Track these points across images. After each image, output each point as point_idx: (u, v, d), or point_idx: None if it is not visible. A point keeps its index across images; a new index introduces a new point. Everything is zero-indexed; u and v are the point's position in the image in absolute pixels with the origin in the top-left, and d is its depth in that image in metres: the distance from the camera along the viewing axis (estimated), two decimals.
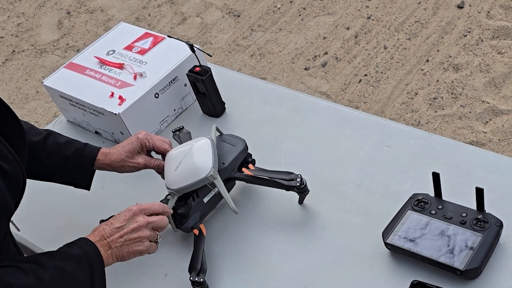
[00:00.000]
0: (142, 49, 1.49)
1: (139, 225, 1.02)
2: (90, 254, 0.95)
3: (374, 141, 1.27)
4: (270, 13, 2.97)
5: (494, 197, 1.08)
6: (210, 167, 1.10)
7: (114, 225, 1.01)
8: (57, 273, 0.90)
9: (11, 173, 0.91)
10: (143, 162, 1.20)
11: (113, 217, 1.03)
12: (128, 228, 1.01)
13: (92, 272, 0.94)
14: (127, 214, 1.03)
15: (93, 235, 1.00)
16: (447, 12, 2.70)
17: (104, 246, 0.98)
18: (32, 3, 3.47)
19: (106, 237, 0.99)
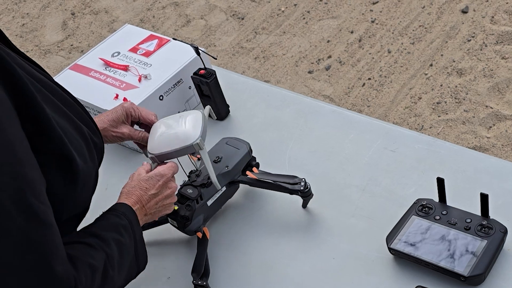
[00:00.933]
0: (147, 51, 1.50)
1: (172, 191, 1.05)
2: (133, 222, 0.96)
3: (379, 146, 1.27)
4: (274, 16, 2.97)
5: (499, 203, 1.08)
6: (198, 136, 1.07)
7: (150, 191, 1.02)
8: (118, 246, 0.92)
9: (98, 145, 0.93)
10: (127, 133, 1.15)
11: (144, 181, 1.02)
12: (163, 194, 1.03)
13: (135, 239, 0.95)
14: (161, 180, 1.03)
15: (131, 200, 1.00)
16: (451, 17, 2.70)
17: (141, 213, 1.00)
18: (37, 3, 3.48)
19: (144, 204, 1.00)
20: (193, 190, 1.14)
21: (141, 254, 0.97)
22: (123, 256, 0.92)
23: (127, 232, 0.94)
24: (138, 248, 0.96)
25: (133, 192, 1.01)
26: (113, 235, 0.92)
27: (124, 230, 0.94)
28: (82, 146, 0.87)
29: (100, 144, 0.95)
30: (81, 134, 0.88)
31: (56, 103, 0.86)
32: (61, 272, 0.79)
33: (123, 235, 0.93)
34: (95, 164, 0.91)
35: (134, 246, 0.95)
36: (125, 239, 0.93)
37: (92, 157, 0.90)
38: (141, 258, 0.97)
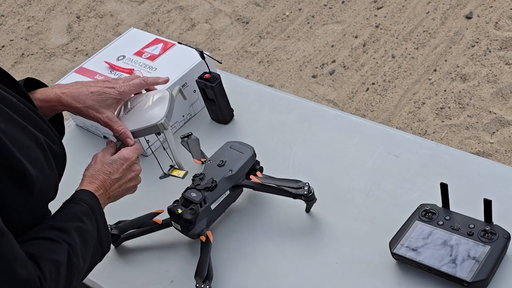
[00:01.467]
0: (152, 55, 1.50)
1: (136, 174, 1.05)
2: (94, 206, 0.96)
3: (382, 150, 1.27)
4: (279, 21, 2.98)
5: (502, 208, 1.08)
6: (163, 116, 1.07)
7: (114, 175, 1.01)
8: (80, 234, 0.92)
9: (57, 153, 0.93)
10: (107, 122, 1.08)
11: (108, 164, 1.01)
12: (126, 177, 1.03)
13: (97, 222, 0.96)
14: (125, 164, 1.03)
15: (93, 186, 1.00)
16: (455, 22, 2.70)
17: (105, 197, 1.01)
18: (42, 7, 3.50)
19: (107, 188, 1.01)
20: (196, 193, 1.14)
21: (104, 237, 0.97)
22: (86, 242, 0.93)
23: (89, 218, 0.95)
24: (101, 231, 0.97)
25: (97, 176, 1.01)
26: (74, 223, 0.93)
27: (85, 216, 0.95)
28: (39, 155, 0.88)
29: (60, 152, 0.95)
30: (37, 143, 0.88)
31: (6, 113, 0.86)
32: (24, 274, 0.80)
33: (85, 222, 0.94)
34: (55, 172, 0.91)
35: (97, 230, 0.96)
36: (87, 225, 0.94)
37: (51, 165, 0.90)
38: (104, 241, 0.98)
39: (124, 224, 1.21)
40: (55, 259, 0.87)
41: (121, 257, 1.22)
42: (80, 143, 1.52)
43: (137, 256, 1.21)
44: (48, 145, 0.91)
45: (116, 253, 1.23)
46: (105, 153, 1.05)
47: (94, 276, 1.20)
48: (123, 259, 1.22)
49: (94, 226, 0.96)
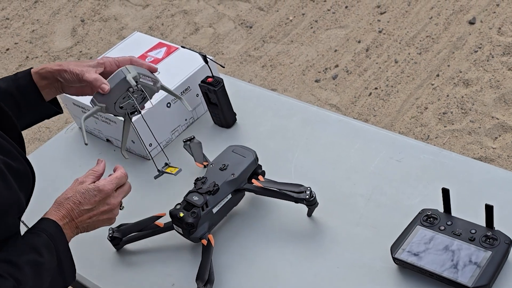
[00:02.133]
0: (156, 59, 1.51)
1: (111, 208, 0.99)
2: (55, 237, 0.92)
3: (384, 155, 1.27)
4: (282, 25, 2.99)
5: (504, 214, 1.08)
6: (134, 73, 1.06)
7: (84, 206, 0.96)
8: (32, 268, 0.88)
9: (21, 171, 0.92)
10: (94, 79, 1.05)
11: (80, 194, 0.97)
12: (99, 210, 0.98)
13: (58, 254, 0.92)
14: (98, 196, 0.97)
15: (59, 214, 0.96)
16: (459, 28, 2.70)
17: (72, 227, 0.96)
18: (47, 10, 3.51)
19: (74, 218, 0.96)
20: (198, 197, 1.15)
21: (66, 268, 0.94)
22: (41, 276, 0.89)
23: (48, 249, 0.91)
24: (63, 262, 0.93)
25: (65, 205, 0.97)
26: (29, 257, 0.89)
27: (44, 247, 0.91)
28: None
29: (23, 168, 0.91)
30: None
31: None
32: None
33: (42, 254, 0.90)
34: (14, 190, 0.88)
35: (57, 262, 0.92)
36: (44, 257, 0.90)
37: (8, 184, 0.86)
38: (67, 273, 0.94)
39: (126, 227, 1.22)
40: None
41: (123, 260, 1.23)
42: (82, 146, 1.53)
43: (138, 259, 1.22)
44: (6, 164, 0.87)
45: (117, 256, 1.23)
46: (85, 180, 1.00)
47: (95, 279, 1.20)
48: (125, 262, 1.22)
49: (54, 258, 0.92)
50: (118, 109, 1.10)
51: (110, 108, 1.09)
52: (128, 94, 1.08)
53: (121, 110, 1.11)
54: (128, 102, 1.09)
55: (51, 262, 0.91)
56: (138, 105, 1.11)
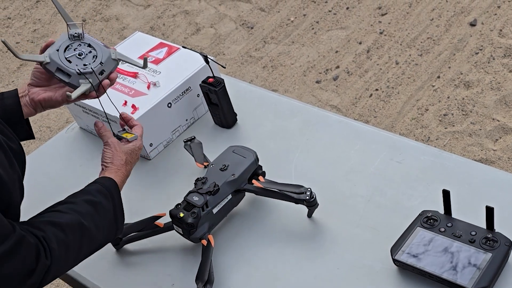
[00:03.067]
0: (157, 59, 1.51)
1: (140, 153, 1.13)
2: (109, 186, 1.02)
3: (385, 157, 1.27)
4: (284, 26, 2.99)
5: (504, 216, 1.08)
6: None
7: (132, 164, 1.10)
8: (89, 204, 0.98)
9: (16, 150, 0.96)
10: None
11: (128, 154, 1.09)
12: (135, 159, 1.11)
13: (113, 201, 1.01)
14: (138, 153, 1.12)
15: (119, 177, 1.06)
16: (460, 30, 2.70)
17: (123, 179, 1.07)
18: (49, 9, 3.51)
19: (127, 175, 1.08)
20: (199, 197, 1.15)
21: (119, 217, 1.02)
22: (98, 213, 0.98)
23: (102, 194, 1.00)
24: (117, 209, 1.02)
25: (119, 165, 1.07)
26: (84, 197, 0.99)
27: (98, 192, 1.00)
28: (0, 154, 0.89)
29: (18, 149, 0.97)
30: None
31: None
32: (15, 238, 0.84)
33: (96, 196, 0.99)
34: (16, 169, 0.93)
35: (112, 207, 1.01)
36: (99, 198, 0.99)
37: (11, 162, 0.92)
38: (119, 220, 1.03)
39: (126, 227, 1.22)
40: (60, 222, 0.92)
41: (123, 260, 1.23)
42: (83, 146, 1.53)
43: (138, 259, 1.22)
44: (7, 144, 0.93)
45: (117, 255, 1.23)
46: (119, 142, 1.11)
47: (95, 279, 1.20)
48: (125, 262, 1.22)
49: (110, 203, 1.01)
50: (64, 60, 1.05)
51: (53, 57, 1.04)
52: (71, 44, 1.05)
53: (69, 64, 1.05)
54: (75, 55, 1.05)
55: (106, 204, 1.00)
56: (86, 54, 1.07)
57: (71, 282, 1.26)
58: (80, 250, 0.95)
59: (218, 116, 1.43)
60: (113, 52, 1.09)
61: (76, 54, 1.05)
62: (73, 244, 0.93)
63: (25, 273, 0.86)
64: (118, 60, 1.09)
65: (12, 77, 3.12)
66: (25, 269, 0.86)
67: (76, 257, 0.96)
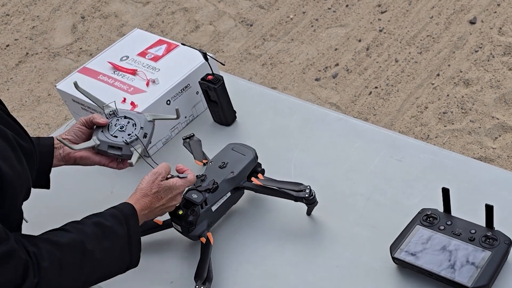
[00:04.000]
0: (156, 56, 1.51)
1: (179, 200, 1.10)
2: (126, 213, 1.00)
3: (384, 155, 1.27)
4: (283, 23, 2.99)
5: (504, 214, 1.08)
6: None
7: (162, 201, 1.07)
8: (97, 227, 0.96)
9: (28, 150, 0.95)
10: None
11: (162, 190, 1.06)
12: (170, 205, 1.08)
13: (128, 228, 0.99)
14: (174, 192, 1.08)
15: (141, 206, 1.04)
16: (459, 28, 2.70)
17: (146, 216, 1.06)
18: (47, 6, 3.51)
19: (151, 210, 1.06)
20: (198, 195, 1.14)
21: (134, 244, 1.00)
22: (106, 237, 0.96)
23: (116, 219, 0.98)
24: (132, 237, 0.99)
25: (146, 194, 1.06)
26: (94, 219, 0.98)
27: (111, 216, 0.98)
28: (7, 149, 0.89)
29: (30, 148, 0.96)
30: (4, 138, 0.90)
31: None
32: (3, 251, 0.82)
33: (108, 220, 0.97)
34: (25, 167, 0.92)
35: (127, 234, 0.98)
36: (110, 222, 0.97)
37: (20, 160, 0.91)
38: (134, 249, 1.00)
39: None
40: (58, 241, 0.90)
41: None
42: None
43: None
44: (17, 141, 0.92)
45: None
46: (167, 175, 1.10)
47: None
48: None
49: (124, 229, 0.98)
50: (111, 137, 1.16)
51: (102, 138, 1.16)
52: (110, 122, 1.18)
53: (116, 139, 1.16)
54: (118, 130, 1.17)
55: (119, 230, 0.98)
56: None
57: None
58: (80, 272, 0.92)
59: (217, 114, 1.43)
60: (147, 116, 1.20)
61: (118, 128, 1.18)
62: (70, 265, 0.90)
63: (11, 287, 0.84)
64: (153, 120, 1.21)
65: (11, 74, 3.11)
66: (12, 282, 0.83)
67: (74, 279, 0.92)
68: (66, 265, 0.90)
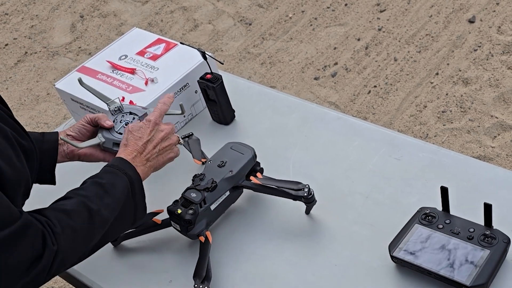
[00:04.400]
0: (154, 55, 1.50)
1: (166, 133, 1.09)
2: (119, 165, 1.01)
3: (383, 153, 1.27)
4: (282, 22, 2.99)
5: (503, 213, 1.08)
6: None
7: (144, 138, 1.06)
8: (95, 186, 0.96)
9: (28, 149, 0.95)
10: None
11: (135, 130, 1.07)
12: (158, 138, 1.07)
13: (129, 178, 0.99)
14: (150, 126, 1.07)
15: (127, 151, 1.04)
16: (458, 26, 2.70)
17: (142, 161, 1.04)
18: (46, 5, 3.50)
19: (141, 151, 1.05)
20: (196, 194, 1.14)
21: (138, 195, 1.00)
22: (106, 191, 0.97)
23: (110, 173, 0.99)
24: (135, 188, 0.99)
25: (128, 143, 1.05)
26: (89, 180, 0.99)
27: (105, 173, 0.99)
28: (6, 147, 0.89)
29: (29, 146, 0.97)
30: (3, 135, 0.90)
31: None
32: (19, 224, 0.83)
33: (103, 177, 0.98)
34: (24, 166, 0.93)
35: (128, 182, 0.99)
36: (106, 179, 0.98)
37: (20, 158, 0.92)
38: (139, 201, 1.00)
39: None
40: (63, 208, 0.91)
41: (120, 257, 1.22)
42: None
43: (136, 256, 1.21)
44: (16, 139, 0.93)
45: (115, 252, 1.23)
46: (133, 123, 1.11)
47: (92, 275, 1.20)
48: (122, 259, 1.22)
49: (124, 181, 0.98)
50: (116, 134, 1.16)
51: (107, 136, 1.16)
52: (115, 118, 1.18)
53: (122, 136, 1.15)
54: (123, 126, 1.17)
55: (119, 182, 0.98)
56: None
57: (67, 278, 1.25)
58: (91, 234, 0.93)
59: (216, 113, 1.43)
60: (151, 111, 1.18)
61: (123, 124, 1.17)
62: (81, 228, 0.91)
63: (33, 258, 0.84)
64: None
65: (10, 73, 3.11)
66: (33, 253, 0.84)
67: (87, 242, 0.94)
68: (77, 229, 0.91)
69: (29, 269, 0.84)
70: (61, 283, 2.10)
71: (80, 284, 1.22)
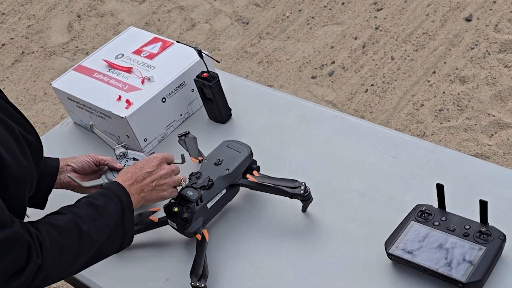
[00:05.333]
0: (151, 54, 1.50)
1: (167, 172, 1.10)
2: (115, 189, 1.01)
3: (380, 151, 1.27)
4: (279, 21, 2.99)
5: (498, 210, 1.08)
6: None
7: (145, 169, 1.08)
8: (89, 207, 0.97)
9: (34, 144, 0.96)
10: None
11: (139, 162, 1.09)
12: (158, 174, 1.09)
13: (122, 204, 1.00)
14: (154, 161, 1.10)
15: (125, 177, 1.05)
16: (455, 25, 2.70)
17: (137, 190, 1.05)
18: (43, 5, 3.50)
19: (139, 181, 1.06)
20: (193, 192, 1.14)
21: (128, 220, 1.00)
22: (99, 214, 0.97)
23: (105, 196, 0.99)
24: (125, 213, 1.00)
25: (128, 170, 1.07)
26: (85, 199, 0.99)
27: (100, 195, 0.99)
28: (12, 142, 0.90)
29: (35, 143, 0.97)
30: (10, 131, 0.91)
31: None
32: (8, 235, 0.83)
33: (98, 199, 0.98)
34: (30, 161, 0.93)
35: (120, 209, 0.99)
36: (101, 201, 0.98)
37: (25, 154, 0.92)
38: (128, 227, 1.01)
39: None
40: (55, 223, 0.91)
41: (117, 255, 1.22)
42: (77, 140, 1.52)
43: (133, 254, 1.21)
44: (22, 134, 0.93)
45: None
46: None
47: (89, 274, 1.20)
48: (119, 257, 1.22)
49: (118, 205, 0.99)
50: None
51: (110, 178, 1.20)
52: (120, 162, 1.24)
53: None
54: None
55: (111, 207, 0.98)
56: None
57: None
58: (78, 254, 0.93)
59: (213, 111, 1.43)
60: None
61: None
62: (69, 247, 0.91)
63: (15, 271, 0.84)
64: None
65: (7, 73, 3.11)
66: (15, 266, 0.84)
67: (73, 261, 0.93)
68: (65, 247, 0.91)
69: (9, 280, 0.84)
70: (60, 282, 2.10)
71: (76, 282, 1.22)
